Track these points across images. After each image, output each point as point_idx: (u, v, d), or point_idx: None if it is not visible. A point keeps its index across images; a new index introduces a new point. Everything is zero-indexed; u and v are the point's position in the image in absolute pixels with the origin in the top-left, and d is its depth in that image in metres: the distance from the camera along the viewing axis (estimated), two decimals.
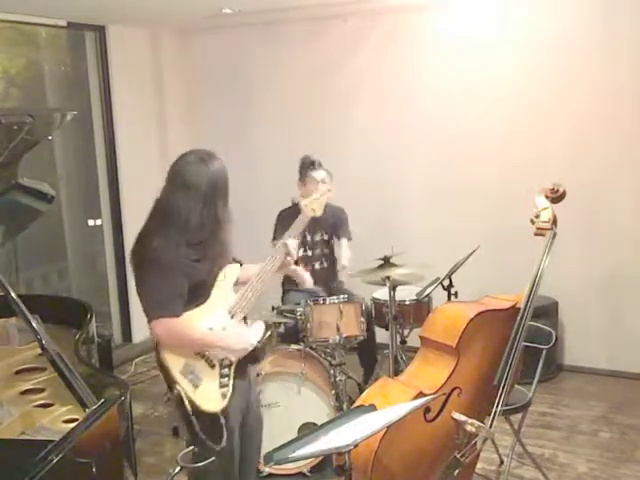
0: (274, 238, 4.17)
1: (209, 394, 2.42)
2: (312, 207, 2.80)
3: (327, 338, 3.59)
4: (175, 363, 2.39)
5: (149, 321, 2.37)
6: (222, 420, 2.42)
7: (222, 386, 2.46)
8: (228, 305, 2.54)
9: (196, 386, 2.39)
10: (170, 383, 2.40)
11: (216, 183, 2.46)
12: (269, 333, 3.70)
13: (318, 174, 4.05)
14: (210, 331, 2.47)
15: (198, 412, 2.39)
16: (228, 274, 2.58)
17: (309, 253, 4.18)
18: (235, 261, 2.65)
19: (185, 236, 2.41)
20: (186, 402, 2.35)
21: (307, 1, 4.40)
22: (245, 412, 2.68)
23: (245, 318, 2.65)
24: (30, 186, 2.76)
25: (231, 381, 2.48)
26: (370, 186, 5.08)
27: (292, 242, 2.69)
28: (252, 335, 2.57)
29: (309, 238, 4.17)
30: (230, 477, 2.60)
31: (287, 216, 4.13)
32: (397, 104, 4.97)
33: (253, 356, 2.62)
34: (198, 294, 2.47)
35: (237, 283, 2.63)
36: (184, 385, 2.37)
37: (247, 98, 5.48)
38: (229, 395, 2.46)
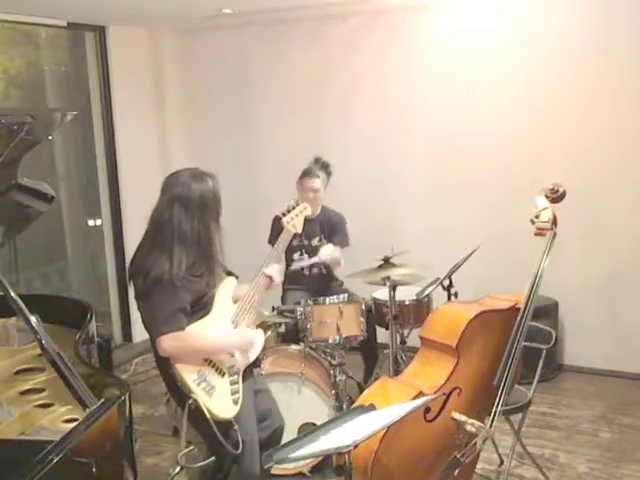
0: (270, 241, 4.16)
1: (222, 401, 2.46)
2: (293, 224, 2.88)
3: (327, 338, 3.60)
4: (188, 374, 2.42)
5: (155, 337, 2.38)
6: (235, 426, 2.45)
7: (233, 393, 2.51)
8: (229, 316, 2.59)
9: (210, 394, 2.43)
10: (186, 392, 2.41)
11: (206, 199, 2.51)
12: (268, 333, 3.74)
13: (308, 182, 4.02)
14: (222, 335, 2.53)
15: (215, 419, 2.42)
16: (226, 287, 2.66)
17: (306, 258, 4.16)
18: (231, 274, 2.70)
19: (176, 247, 2.44)
20: (205, 410, 2.38)
21: (307, 1, 4.40)
22: (265, 418, 2.73)
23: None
24: (30, 186, 2.76)
25: (241, 387, 2.51)
26: (370, 186, 5.08)
27: (275, 268, 2.78)
28: (258, 338, 2.63)
29: (307, 243, 4.15)
30: None
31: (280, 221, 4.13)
32: (397, 104, 4.97)
33: (255, 361, 2.68)
34: (200, 307, 2.51)
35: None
36: (199, 394, 2.40)
37: (247, 98, 5.48)
38: (240, 401, 2.49)
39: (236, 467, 2.54)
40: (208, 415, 2.38)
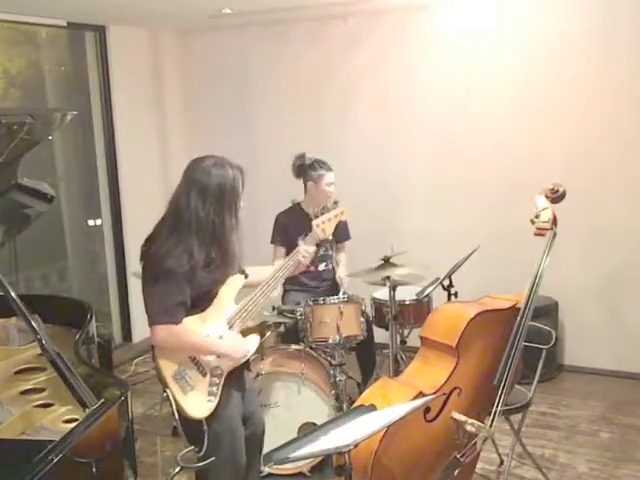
0: (272, 241, 4.16)
1: (197, 401, 2.45)
2: (323, 228, 2.81)
3: (327, 338, 3.59)
4: (168, 367, 2.43)
5: (150, 324, 2.39)
6: (205, 427, 2.44)
7: (210, 394, 2.49)
8: (228, 315, 2.56)
9: (185, 392, 2.43)
10: (162, 385, 2.43)
11: (223, 190, 2.48)
12: (268, 334, 3.72)
13: (329, 176, 3.99)
14: (209, 337, 2.50)
15: (184, 417, 2.43)
16: (231, 285, 2.61)
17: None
18: (241, 272, 2.67)
19: (193, 236, 2.42)
20: (173, 406, 2.39)
21: (307, 1, 4.40)
22: (247, 419, 2.70)
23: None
24: (30, 186, 2.76)
25: (219, 391, 2.50)
26: (370, 186, 5.08)
27: (307, 247, 2.77)
28: (249, 346, 2.60)
29: None
30: None
31: (285, 219, 4.13)
32: (397, 104, 4.97)
33: (246, 363, 2.66)
34: (200, 302, 2.49)
35: (245, 286, 2.65)
36: (174, 389, 2.41)
37: (247, 98, 5.48)
38: (215, 404, 2.48)
39: (215, 460, 2.49)
40: (176, 413, 2.40)
